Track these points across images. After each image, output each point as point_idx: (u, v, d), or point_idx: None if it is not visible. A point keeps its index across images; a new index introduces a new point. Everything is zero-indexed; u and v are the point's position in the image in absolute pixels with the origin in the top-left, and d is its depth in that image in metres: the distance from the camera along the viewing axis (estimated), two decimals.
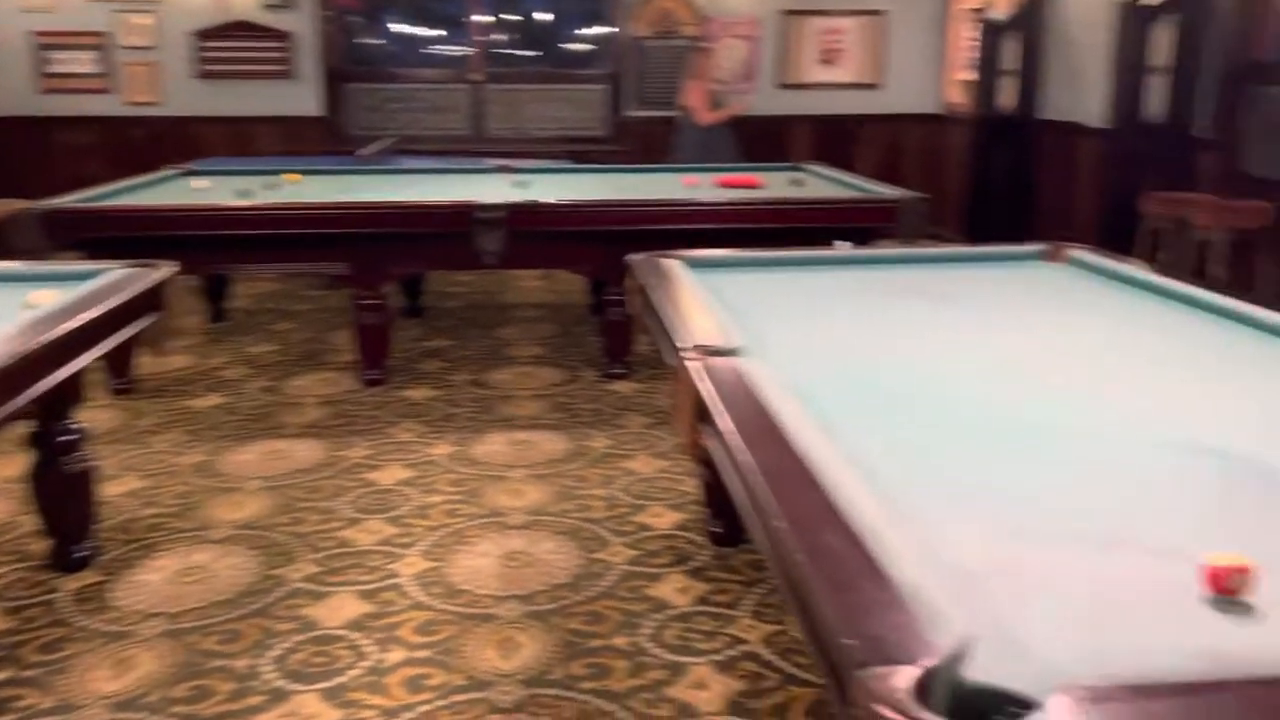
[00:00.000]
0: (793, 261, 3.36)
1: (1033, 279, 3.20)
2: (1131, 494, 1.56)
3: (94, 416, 4.19)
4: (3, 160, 8.36)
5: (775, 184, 5.43)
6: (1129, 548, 1.37)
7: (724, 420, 1.76)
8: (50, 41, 8.37)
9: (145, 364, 4.97)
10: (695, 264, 3.13)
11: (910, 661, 1.04)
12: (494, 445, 4.06)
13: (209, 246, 4.50)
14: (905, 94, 9.00)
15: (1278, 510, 1.50)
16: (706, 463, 2.55)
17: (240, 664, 2.58)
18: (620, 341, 4.84)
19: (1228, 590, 1.22)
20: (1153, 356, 2.37)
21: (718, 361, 2.09)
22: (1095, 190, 6.83)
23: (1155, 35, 6.37)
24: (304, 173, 5.83)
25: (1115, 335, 2.54)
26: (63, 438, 2.92)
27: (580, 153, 8.69)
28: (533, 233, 4.55)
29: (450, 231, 4.50)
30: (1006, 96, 7.94)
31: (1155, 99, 6.36)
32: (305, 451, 3.99)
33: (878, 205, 4.68)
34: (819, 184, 5.52)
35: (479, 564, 3.10)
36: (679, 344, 2.22)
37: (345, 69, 8.88)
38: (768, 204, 4.71)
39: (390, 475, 3.76)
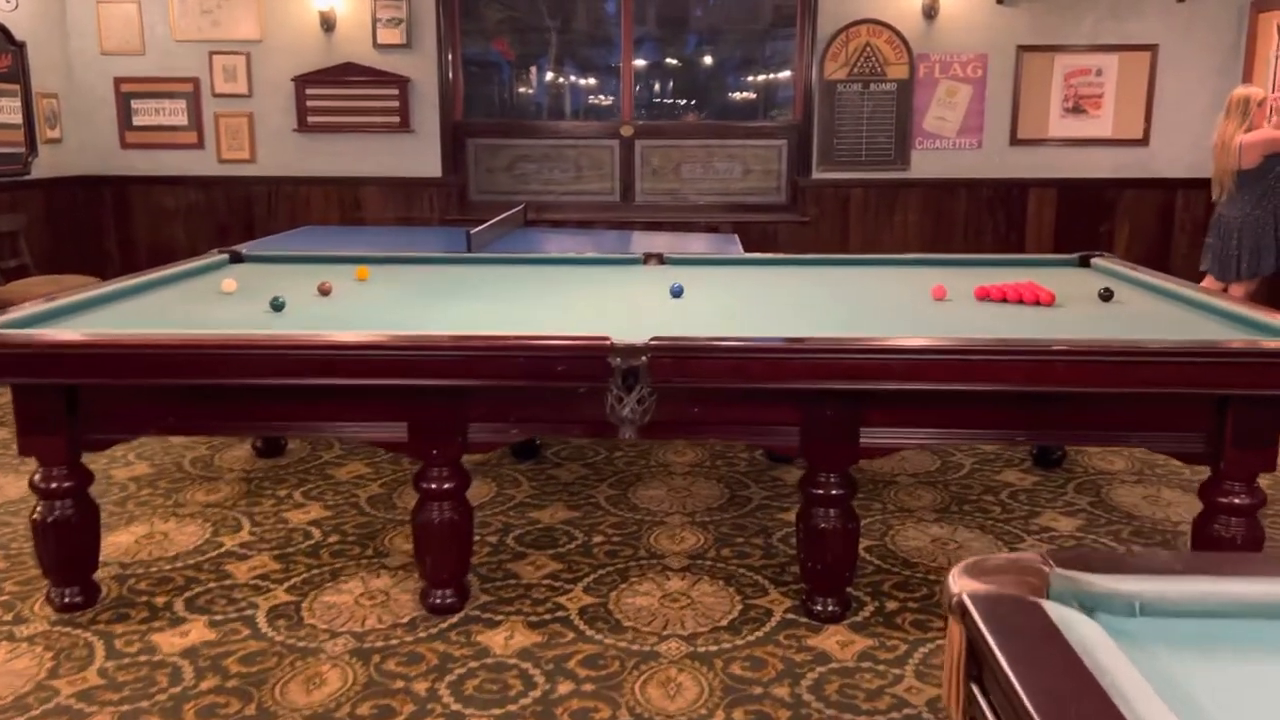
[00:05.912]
0: None
1: None
2: None
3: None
4: (81, 226, 7.21)
5: (1072, 295, 3.52)
6: None
7: None
8: (135, 89, 7.20)
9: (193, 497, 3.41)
10: (1129, 636, 1.27)
11: None
12: None
13: (175, 398, 2.91)
14: (1180, 152, 6.91)
15: None
16: None
17: None
18: (831, 565, 2.94)
19: None
20: None
21: None
22: None
23: None
24: (386, 261, 4.28)
25: None
26: None
27: (750, 224, 6.99)
28: (687, 390, 2.78)
29: (558, 386, 2.77)
30: None
31: None
32: None
33: None
34: (1140, 299, 3.55)
35: None
36: None
37: (470, 122, 7.41)
38: (1098, 355, 2.64)
39: None
